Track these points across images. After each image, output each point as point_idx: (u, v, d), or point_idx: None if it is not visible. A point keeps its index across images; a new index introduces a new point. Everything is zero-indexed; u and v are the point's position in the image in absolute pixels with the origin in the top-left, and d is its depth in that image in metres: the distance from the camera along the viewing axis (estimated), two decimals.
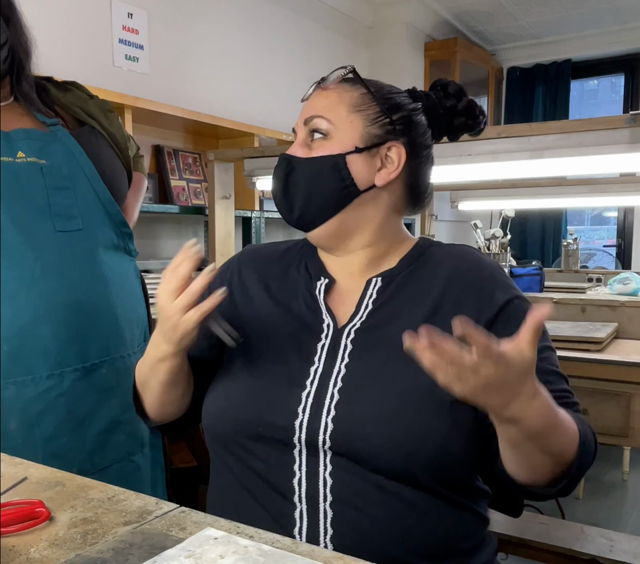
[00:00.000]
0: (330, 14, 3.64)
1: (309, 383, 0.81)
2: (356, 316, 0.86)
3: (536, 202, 2.70)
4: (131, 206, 1.44)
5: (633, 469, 2.93)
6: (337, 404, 0.78)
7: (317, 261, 0.93)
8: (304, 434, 0.78)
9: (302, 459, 0.79)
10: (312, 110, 0.87)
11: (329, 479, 0.77)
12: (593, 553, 1.64)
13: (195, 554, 0.56)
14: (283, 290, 0.92)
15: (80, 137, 1.19)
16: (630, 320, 1.87)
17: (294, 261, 0.95)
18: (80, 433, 1.13)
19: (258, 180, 1.92)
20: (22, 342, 1.08)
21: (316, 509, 0.76)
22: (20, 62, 1.15)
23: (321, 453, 0.78)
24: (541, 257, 4.64)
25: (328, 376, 0.81)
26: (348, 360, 0.82)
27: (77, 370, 1.13)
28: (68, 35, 2.25)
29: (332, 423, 0.77)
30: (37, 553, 0.58)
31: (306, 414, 0.79)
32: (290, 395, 0.81)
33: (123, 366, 1.20)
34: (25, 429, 1.08)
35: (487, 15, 4.14)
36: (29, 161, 1.12)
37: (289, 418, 0.79)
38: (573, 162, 1.43)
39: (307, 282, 0.91)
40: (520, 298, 0.85)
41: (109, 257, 1.20)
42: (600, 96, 6.51)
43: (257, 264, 0.96)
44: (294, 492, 0.78)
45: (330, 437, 0.77)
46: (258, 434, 0.80)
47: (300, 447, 0.78)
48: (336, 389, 0.80)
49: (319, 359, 0.83)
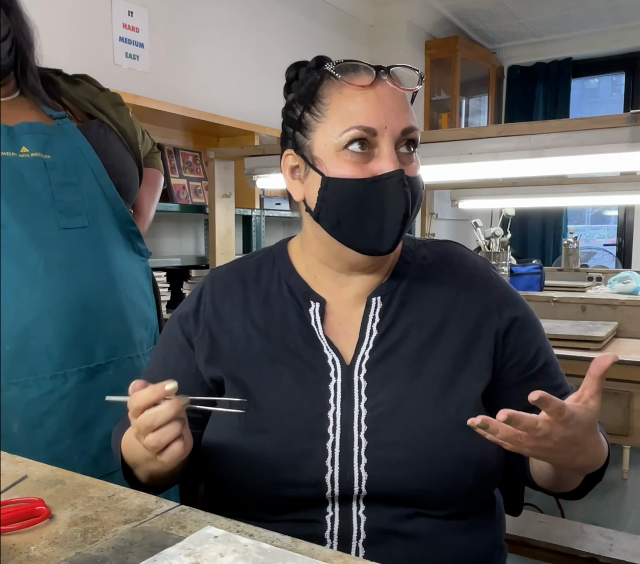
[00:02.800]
0: (331, 12, 3.64)
1: (331, 431, 0.75)
2: (361, 345, 0.79)
3: (536, 201, 2.70)
4: (147, 203, 1.39)
5: (633, 468, 2.93)
6: (366, 450, 0.74)
7: (298, 280, 0.84)
8: (337, 489, 0.73)
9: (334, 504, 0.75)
10: (410, 119, 0.76)
11: (363, 517, 0.74)
12: (593, 552, 1.65)
13: (195, 553, 0.56)
14: (270, 320, 0.82)
15: (88, 130, 1.16)
16: (631, 319, 1.87)
17: (272, 280, 0.85)
18: (84, 437, 1.10)
19: (258, 178, 1.92)
20: (25, 341, 1.05)
21: (348, 547, 0.74)
22: (23, 53, 1.12)
23: (354, 500, 0.74)
24: (541, 256, 4.64)
25: (350, 419, 0.75)
26: (366, 398, 0.76)
27: (82, 371, 1.09)
28: (68, 33, 2.25)
29: (365, 471, 0.73)
30: (38, 551, 0.58)
31: (335, 466, 0.73)
32: (313, 448, 0.74)
33: (131, 367, 1.17)
34: (27, 432, 1.05)
35: (488, 13, 4.13)
36: (33, 156, 1.09)
37: (319, 474, 0.73)
38: (573, 161, 1.42)
39: (296, 309, 0.82)
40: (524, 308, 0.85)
41: (117, 255, 1.17)
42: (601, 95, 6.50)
43: (232, 290, 0.86)
44: (325, 528, 0.74)
45: (367, 486, 0.73)
46: (285, 497, 0.74)
47: (332, 498, 0.74)
48: (362, 433, 0.74)
49: (334, 402, 0.76)
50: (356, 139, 0.73)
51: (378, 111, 0.73)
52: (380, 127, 0.73)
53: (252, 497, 0.76)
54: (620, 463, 2.92)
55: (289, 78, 0.84)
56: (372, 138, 0.74)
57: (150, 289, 1.28)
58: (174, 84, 2.68)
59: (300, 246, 0.87)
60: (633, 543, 1.71)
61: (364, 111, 0.73)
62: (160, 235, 2.68)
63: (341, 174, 0.74)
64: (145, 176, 1.38)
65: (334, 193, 0.75)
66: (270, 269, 0.87)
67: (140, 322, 1.21)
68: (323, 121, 0.76)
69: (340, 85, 0.76)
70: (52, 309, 1.06)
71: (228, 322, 0.83)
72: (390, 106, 0.74)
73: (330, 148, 0.75)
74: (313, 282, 0.84)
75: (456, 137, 1.45)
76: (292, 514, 0.75)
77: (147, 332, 1.24)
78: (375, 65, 0.76)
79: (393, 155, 0.73)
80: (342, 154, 0.74)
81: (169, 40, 2.66)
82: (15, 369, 1.05)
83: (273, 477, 0.74)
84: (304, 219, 0.83)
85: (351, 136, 0.73)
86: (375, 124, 0.73)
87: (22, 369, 1.05)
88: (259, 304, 0.84)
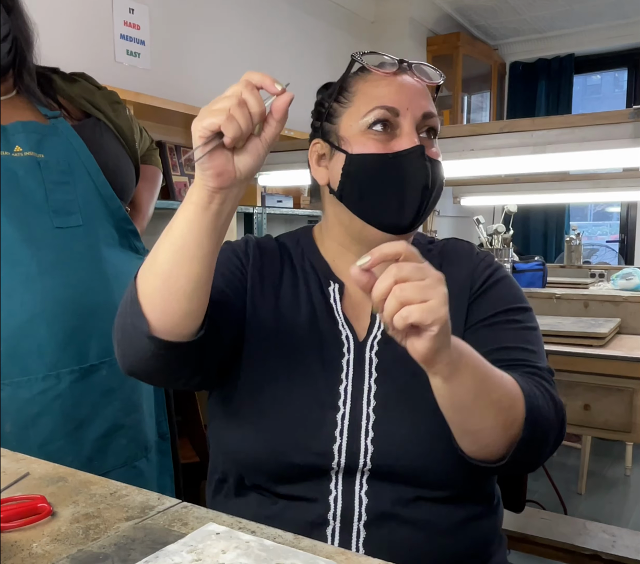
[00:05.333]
0: (332, 9, 3.63)
1: (341, 404, 0.78)
2: (373, 326, 0.83)
3: (539, 198, 2.69)
4: (145, 200, 1.39)
5: (635, 465, 2.93)
6: (374, 424, 0.76)
7: (321, 261, 0.88)
8: (344, 458, 0.75)
9: (337, 480, 0.76)
10: (431, 106, 0.81)
11: (365, 499, 0.75)
12: (595, 548, 1.65)
13: (197, 550, 0.56)
14: (297, 289, 0.85)
15: (83, 129, 1.15)
16: (633, 315, 1.86)
17: (297, 256, 0.89)
18: (77, 437, 1.10)
19: (260, 176, 1.91)
20: (18, 342, 1.04)
21: (349, 529, 0.75)
22: (22, 53, 1.12)
23: (358, 474, 0.76)
24: (544, 253, 4.63)
25: (360, 394, 0.78)
26: (376, 375, 0.79)
27: (75, 371, 1.09)
28: (69, 30, 2.24)
29: (371, 444, 0.75)
30: (40, 548, 0.58)
31: (344, 437, 0.76)
32: (324, 418, 0.77)
33: None
34: (20, 432, 1.05)
35: (490, 9, 4.12)
36: (26, 155, 1.08)
37: (327, 443, 0.76)
38: (576, 157, 1.42)
39: (318, 284, 0.86)
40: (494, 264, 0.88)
41: (112, 254, 1.16)
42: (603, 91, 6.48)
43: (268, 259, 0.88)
44: (329, 509, 0.76)
45: (371, 459, 0.75)
46: (294, 463, 0.76)
47: (337, 470, 0.76)
48: (370, 408, 0.77)
49: (347, 377, 0.79)
50: (379, 120, 0.77)
51: (400, 93, 0.78)
52: (402, 108, 0.77)
53: (261, 463, 0.77)
54: (623, 459, 2.92)
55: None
56: (394, 118, 0.78)
57: None
58: (175, 81, 2.68)
59: (320, 233, 0.91)
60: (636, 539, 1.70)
61: (387, 93, 0.78)
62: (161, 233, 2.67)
63: (364, 151, 0.78)
64: (144, 173, 1.37)
65: (357, 168, 0.79)
66: (295, 247, 0.91)
67: None
68: (349, 106, 0.81)
69: (365, 75, 0.82)
70: (45, 309, 1.06)
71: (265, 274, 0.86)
72: (413, 91, 0.79)
73: (355, 128, 0.79)
74: (333, 265, 0.87)
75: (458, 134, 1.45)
76: (297, 486, 0.77)
77: None
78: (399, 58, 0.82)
79: (414, 133, 0.78)
80: (366, 133, 0.78)
81: (170, 38, 2.65)
82: (8, 370, 1.04)
83: (285, 443, 0.76)
84: (326, 205, 0.87)
85: (375, 116, 0.78)
86: (398, 105, 0.77)
87: (15, 370, 1.05)
88: (289, 273, 0.87)
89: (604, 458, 3.03)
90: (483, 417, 0.70)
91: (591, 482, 2.74)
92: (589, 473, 2.75)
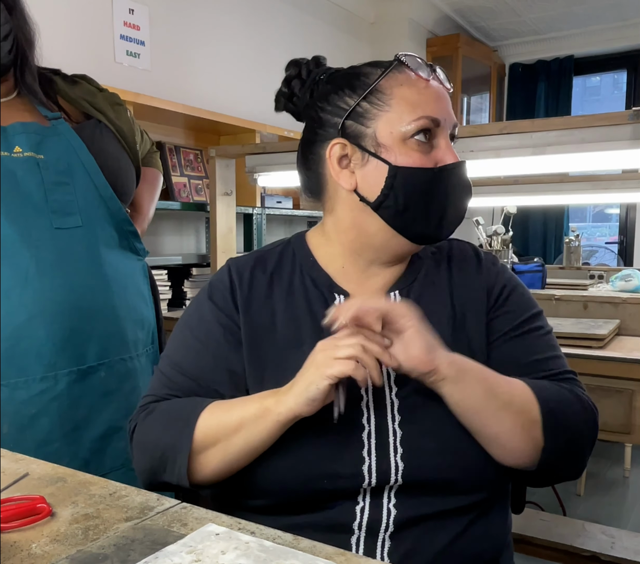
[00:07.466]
0: (332, 9, 3.63)
1: (365, 422, 0.76)
2: None
3: (538, 199, 2.69)
4: (146, 202, 1.39)
5: (634, 466, 2.93)
6: (402, 441, 0.75)
7: (320, 272, 0.85)
8: (374, 479, 0.74)
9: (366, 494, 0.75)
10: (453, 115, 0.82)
11: (393, 510, 0.74)
12: (594, 550, 1.65)
13: (196, 550, 0.56)
14: (295, 310, 0.82)
15: (83, 131, 1.15)
16: (632, 317, 1.86)
17: (294, 273, 0.86)
18: (74, 438, 1.09)
19: (259, 176, 1.92)
20: (16, 343, 1.04)
21: (375, 539, 0.74)
22: (23, 53, 1.12)
23: (387, 489, 0.75)
24: (543, 254, 4.63)
25: (383, 410, 0.76)
26: (397, 389, 0.78)
27: (73, 372, 1.09)
28: (69, 31, 2.25)
29: (402, 461, 0.74)
30: (39, 548, 0.58)
31: (372, 456, 0.74)
32: (350, 438, 0.75)
33: (124, 369, 1.16)
34: (17, 433, 1.05)
35: (489, 11, 4.12)
36: (26, 155, 1.08)
37: (356, 465, 0.74)
38: (575, 159, 1.42)
39: (321, 301, 0.83)
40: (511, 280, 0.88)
41: (111, 255, 1.16)
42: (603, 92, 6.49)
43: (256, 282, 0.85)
44: (354, 519, 0.75)
45: (403, 476, 0.74)
46: (323, 489, 0.74)
47: (366, 489, 0.75)
48: (396, 423, 0.76)
49: (366, 392, 0.77)
50: (423, 129, 0.76)
51: (440, 103, 0.78)
52: (442, 118, 0.78)
53: (287, 491, 0.75)
54: (622, 461, 2.92)
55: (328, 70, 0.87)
56: (435, 129, 0.77)
57: (147, 288, 1.27)
58: (175, 81, 2.68)
59: (322, 238, 0.87)
60: (635, 540, 1.70)
61: (430, 102, 0.77)
62: (161, 233, 2.68)
63: (409, 163, 0.77)
64: (144, 175, 1.37)
65: (403, 182, 0.77)
66: (292, 260, 0.87)
67: (135, 323, 1.20)
68: (387, 110, 0.77)
69: (399, 77, 0.79)
70: (43, 310, 1.05)
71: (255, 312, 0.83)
72: (446, 100, 0.80)
73: (397, 137, 0.77)
74: (339, 273, 0.85)
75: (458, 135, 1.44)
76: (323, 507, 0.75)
77: (143, 332, 1.23)
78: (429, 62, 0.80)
79: (451, 146, 0.79)
80: (408, 142, 0.77)
81: (170, 38, 2.66)
82: (6, 371, 1.04)
83: (311, 470, 0.74)
84: (340, 209, 0.83)
85: (420, 125, 0.76)
86: (439, 115, 0.77)
87: (13, 371, 1.05)
88: (283, 296, 0.84)
89: (603, 460, 3.03)
90: (498, 419, 0.72)
91: (590, 483, 2.74)
92: (588, 474, 2.75)
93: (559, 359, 0.83)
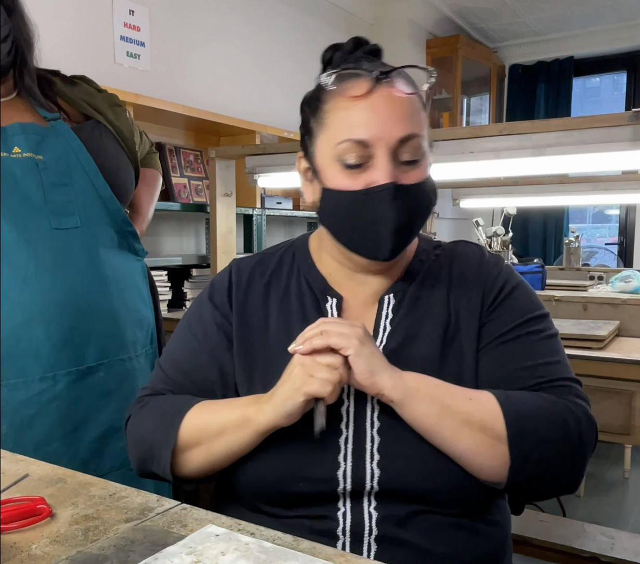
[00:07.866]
0: (331, 11, 3.63)
1: (344, 427, 0.76)
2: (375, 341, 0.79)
3: (538, 200, 2.69)
4: (145, 203, 1.40)
5: (634, 467, 2.93)
6: (379, 447, 0.74)
7: (317, 275, 0.86)
8: (349, 484, 0.74)
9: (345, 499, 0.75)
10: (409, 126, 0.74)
11: (374, 513, 0.74)
12: (594, 551, 1.65)
13: (196, 551, 0.56)
14: (288, 314, 0.84)
15: (82, 131, 1.16)
16: (632, 318, 1.86)
17: (291, 275, 0.87)
18: (73, 439, 1.09)
19: (259, 177, 1.92)
20: (15, 343, 1.04)
21: (360, 543, 0.74)
22: (22, 54, 1.12)
23: (366, 495, 0.75)
24: (543, 255, 4.63)
25: (362, 415, 0.76)
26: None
27: (72, 373, 1.09)
28: (69, 32, 2.25)
29: (378, 468, 0.74)
30: (39, 549, 0.58)
31: (348, 462, 0.74)
32: (326, 443, 0.74)
33: (123, 370, 1.16)
34: (16, 433, 1.05)
35: (489, 12, 4.13)
36: (25, 156, 1.08)
37: (330, 469, 0.74)
38: (575, 160, 1.42)
39: (313, 303, 0.84)
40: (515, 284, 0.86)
41: (110, 256, 1.16)
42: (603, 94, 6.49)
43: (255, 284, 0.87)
44: (337, 525, 0.74)
45: (379, 483, 0.73)
46: (299, 492, 0.75)
47: (344, 493, 0.75)
48: (374, 430, 0.75)
49: (348, 397, 0.77)
50: (349, 153, 0.74)
51: (371, 122, 0.73)
52: (373, 139, 0.73)
53: (266, 491, 0.77)
54: (622, 462, 2.91)
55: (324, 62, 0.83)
56: (365, 149, 0.73)
57: (147, 289, 1.27)
58: (175, 82, 2.68)
59: (318, 243, 0.89)
60: (634, 542, 1.70)
61: (357, 123, 0.73)
62: (161, 234, 2.68)
63: (336, 185, 0.76)
64: (144, 176, 1.38)
65: (330, 204, 0.78)
66: (291, 263, 0.89)
67: (134, 323, 1.20)
68: (323, 130, 0.77)
69: (336, 93, 0.76)
70: (42, 311, 1.06)
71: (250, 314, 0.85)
72: (387, 115, 0.73)
73: (327, 158, 0.77)
74: (330, 278, 0.86)
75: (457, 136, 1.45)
76: (303, 509, 0.76)
77: (142, 332, 1.23)
78: (378, 70, 0.75)
79: (386, 166, 0.73)
80: (337, 164, 0.75)
81: (170, 39, 2.66)
82: (5, 371, 1.04)
83: (287, 472, 0.75)
84: None
85: (344, 149, 0.74)
86: (368, 136, 0.73)
87: (12, 371, 1.05)
88: (279, 298, 0.85)
89: (602, 461, 3.03)
90: (458, 438, 0.71)
91: (590, 484, 2.74)
92: (588, 475, 2.75)
93: (556, 365, 0.79)
